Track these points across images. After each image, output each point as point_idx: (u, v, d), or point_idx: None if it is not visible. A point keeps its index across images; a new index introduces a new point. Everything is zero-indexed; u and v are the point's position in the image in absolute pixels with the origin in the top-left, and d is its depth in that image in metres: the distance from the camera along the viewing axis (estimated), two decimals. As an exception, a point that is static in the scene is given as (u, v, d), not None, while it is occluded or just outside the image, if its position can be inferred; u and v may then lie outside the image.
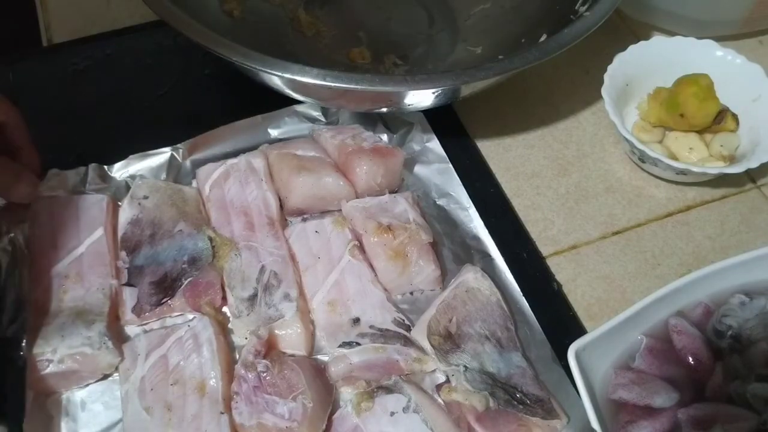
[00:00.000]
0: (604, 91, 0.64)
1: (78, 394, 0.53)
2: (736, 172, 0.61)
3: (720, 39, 0.68)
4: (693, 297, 0.53)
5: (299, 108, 0.67)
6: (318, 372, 0.53)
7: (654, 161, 0.62)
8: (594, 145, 0.68)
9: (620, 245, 0.62)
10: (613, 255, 0.61)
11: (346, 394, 0.52)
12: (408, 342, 0.54)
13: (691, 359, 0.51)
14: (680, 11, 0.72)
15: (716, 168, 0.61)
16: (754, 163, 0.60)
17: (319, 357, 0.55)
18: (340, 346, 0.54)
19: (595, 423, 0.46)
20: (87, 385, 0.53)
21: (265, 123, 0.66)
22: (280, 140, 0.66)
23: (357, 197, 0.61)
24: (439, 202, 0.63)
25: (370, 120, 0.67)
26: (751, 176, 0.66)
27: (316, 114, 0.67)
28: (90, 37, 0.75)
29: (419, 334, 0.54)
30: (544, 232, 0.62)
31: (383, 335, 0.54)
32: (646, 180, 0.66)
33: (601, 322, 0.50)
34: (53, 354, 0.51)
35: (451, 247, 0.60)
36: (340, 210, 0.61)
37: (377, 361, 0.53)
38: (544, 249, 0.61)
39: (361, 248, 0.59)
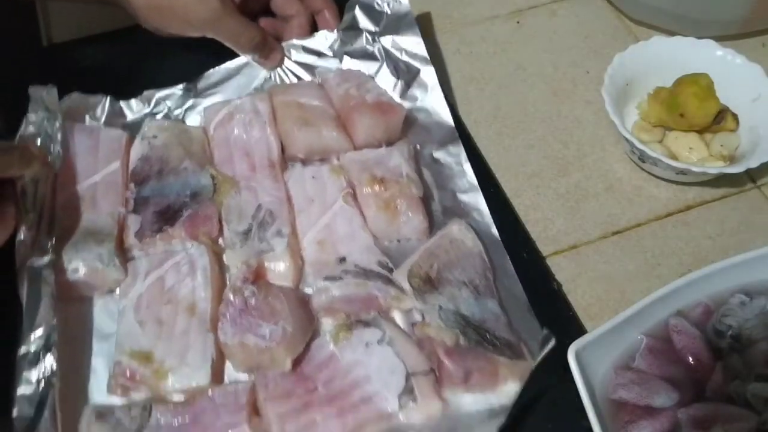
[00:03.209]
0: (604, 91, 0.64)
1: (82, 307, 0.57)
2: (736, 171, 0.61)
3: (720, 39, 0.68)
4: (693, 297, 0.53)
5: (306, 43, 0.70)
6: (301, 302, 0.56)
7: (654, 161, 0.62)
8: (594, 145, 0.68)
9: (620, 245, 0.62)
10: (613, 255, 0.61)
11: (327, 325, 0.55)
12: (389, 282, 0.56)
13: (691, 359, 0.51)
14: (680, 11, 0.72)
15: (716, 168, 0.61)
16: (754, 163, 0.60)
17: (304, 290, 0.58)
18: (324, 279, 0.56)
19: (595, 423, 0.46)
20: (91, 298, 0.57)
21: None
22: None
23: (355, 149, 0.64)
24: (436, 154, 0.65)
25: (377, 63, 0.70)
26: (751, 176, 0.66)
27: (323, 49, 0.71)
28: (90, 37, 0.75)
29: (400, 275, 0.56)
30: (544, 232, 0.63)
31: (366, 274, 0.56)
32: (646, 180, 0.66)
33: (601, 322, 0.50)
34: (68, 264, 0.55)
35: (441, 201, 0.63)
36: (339, 159, 0.63)
37: (357, 295, 0.55)
38: (544, 249, 0.61)
39: (354, 196, 0.61)
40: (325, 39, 0.71)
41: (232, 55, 0.70)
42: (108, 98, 0.66)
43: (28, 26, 0.77)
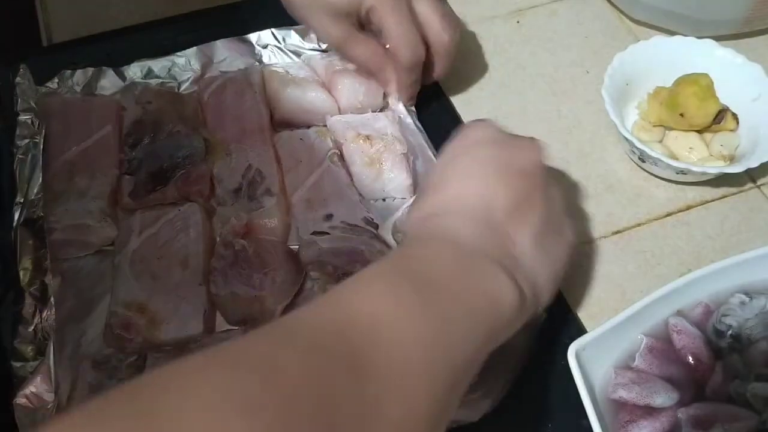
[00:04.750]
0: (604, 91, 0.64)
1: (76, 263, 0.59)
2: (736, 171, 0.61)
3: (720, 39, 0.68)
4: (693, 297, 0.53)
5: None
6: (290, 255, 0.58)
7: (654, 161, 0.62)
8: (594, 145, 0.68)
9: (620, 245, 0.62)
10: (613, 255, 0.61)
11: (315, 277, 0.57)
12: (374, 237, 0.58)
13: (691, 359, 0.51)
14: (680, 11, 0.72)
15: (716, 168, 0.61)
16: (754, 163, 0.60)
17: (293, 246, 0.60)
18: (311, 233, 0.58)
19: (595, 423, 0.46)
20: (86, 255, 0.59)
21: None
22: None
23: (340, 114, 0.66)
24: (418, 123, 0.67)
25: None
26: (751, 176, 0.66)
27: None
28: (90, 37, 0.75)
29: (385, 231, 0.59)
30: (544, 231, 0.62)
31: (352, 230, 0.58)
32: (646, 180, 0.66)
33: (601, 321, 0.50)
34: (57, 223, 0.58)
35: (425, 163, 0.65)
36: (326, 125, 0.66)
37: (344, 249, 0.58)
38: (544, 249, 0.61)
39: (341, 157, 0.63)
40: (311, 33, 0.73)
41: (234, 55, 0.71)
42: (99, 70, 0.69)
43: (28, 26, 0.78)
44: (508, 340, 0.46)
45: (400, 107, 0.67)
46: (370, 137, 0.63)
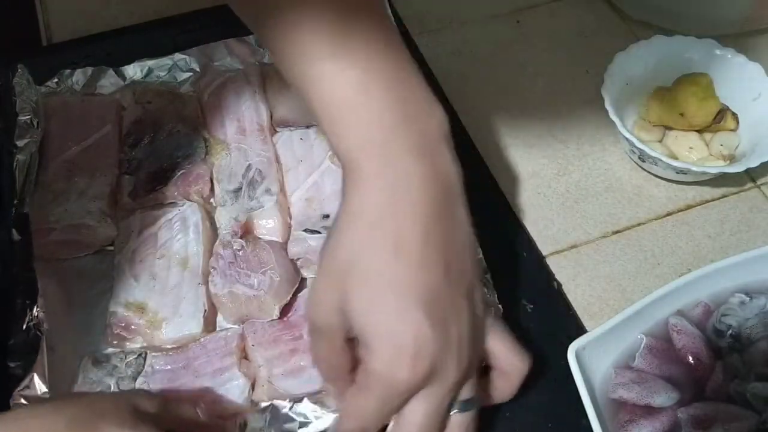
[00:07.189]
0: (604, 91, 0.64)
1: (77, 263, 0.59)
2: (736, 171, 0.61)
3: (720, 38, 0.68)
4: (693, 296, 0.53)
5: None
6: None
7: (654, 160, 0.62)
8: (594, 144, 0.68)
9: (620, 244, 0.62)
10: (613, 254, 0.61)
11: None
12: None
13: (691, 358, 0.51)
14: (680, 10, 0.72)
15: (716, 167, 0.61)
16: (754, 163, 0.60)
17: None
18: (303, 230, 0.58)
19: (595, 423, 0.46)
20: (86, 255, 0.59)
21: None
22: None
23: None
24: None
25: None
26: (751, 175, 0.66)
27: None
28: (90, 37, 0.75)
29: None
30: (544, 231, 0.62)
31: None
32: (646, 179, 0.66)
33: (601, 321, 0.50)
34: (57, 223, 0.58)
35: None
36: None
37: None
38: (544, 248, 0.61)
39: None
40: None
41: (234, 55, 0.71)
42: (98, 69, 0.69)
43: (28, 26, 0.78)
44: None
45: None
46: None
